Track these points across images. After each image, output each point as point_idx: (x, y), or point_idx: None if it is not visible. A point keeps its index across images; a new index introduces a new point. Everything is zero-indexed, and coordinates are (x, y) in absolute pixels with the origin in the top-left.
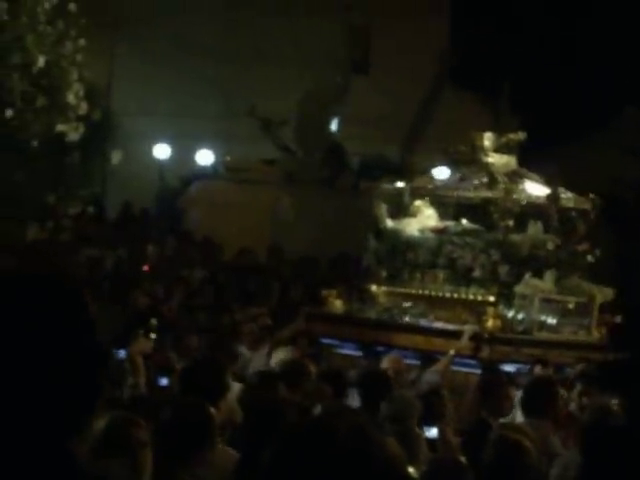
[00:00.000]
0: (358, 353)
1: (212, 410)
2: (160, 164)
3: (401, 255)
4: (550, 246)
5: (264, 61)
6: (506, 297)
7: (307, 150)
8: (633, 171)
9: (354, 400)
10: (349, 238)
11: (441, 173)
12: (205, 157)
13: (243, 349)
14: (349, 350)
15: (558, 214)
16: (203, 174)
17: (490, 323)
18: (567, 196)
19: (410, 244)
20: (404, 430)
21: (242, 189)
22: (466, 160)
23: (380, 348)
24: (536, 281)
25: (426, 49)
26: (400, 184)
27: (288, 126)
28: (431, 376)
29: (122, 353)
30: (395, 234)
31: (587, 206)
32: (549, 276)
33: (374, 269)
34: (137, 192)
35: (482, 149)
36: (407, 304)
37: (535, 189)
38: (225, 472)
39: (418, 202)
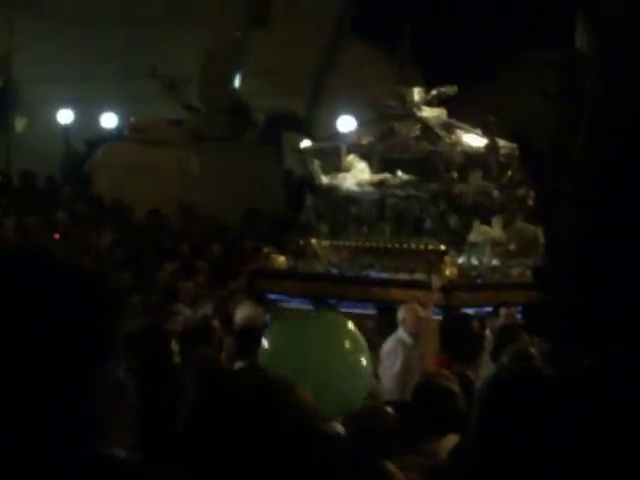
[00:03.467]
0: (308, 306)
1: None
2: (64, 129)
3: (343, 210)
4: (494, 194)
5: (165, 21)
6: (456, 245)
7: (212, 108)
8: (543, 112)
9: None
10: (258, 193)
11: (346, 124)
12: (110, 120)
13: (181, 307)
14: (297, 304)
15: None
16: (108, 137)
17: (448, 271)
18: (501, 144)
19: (351, 198)
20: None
21: (149, 150)
22: (397, 115)
23: (331, 300)
24: (485, 228)
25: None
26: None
27: (192, 84)
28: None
29: None
30: (333, 190)
31: (516, 152)
32: (496, 222)
33: (314, 225)
34: (43, 159)
35: (414, 103)
36: (354, 257)
37: (471, 139)
38: None
39: (350, 157)
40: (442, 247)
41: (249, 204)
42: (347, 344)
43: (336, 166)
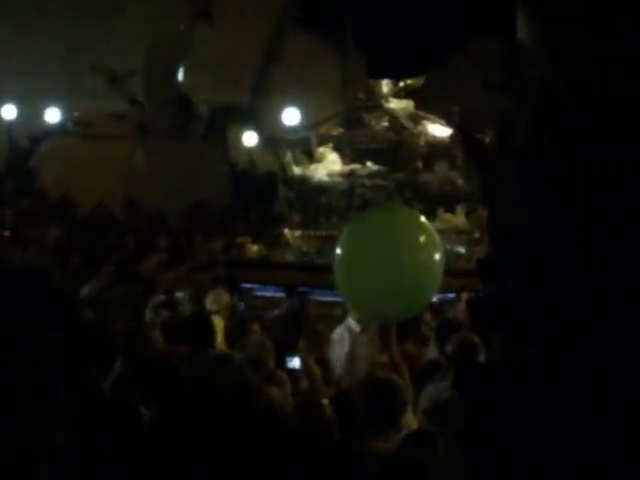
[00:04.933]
0: (279, 294)
1: None
2: (8, 125)
3: (313, 200)
4: (458, 182)
5: (109, 15)
6: None
7: (156, 101)
8: (485, 102)
9: None
10: (204, 186)
11: (290, 117)
12: (53, 114)
13: (161, 297)
14: (269, 292)
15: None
16: (52, 132)
17: None
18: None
19: (321, 189)
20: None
21: (93, 144)
22: (365, 106)
23: (303, 289)
24: (449, 216)
25: None
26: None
27: (135, 78)
28: None
29: None
30: (304, 180)
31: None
32: (460, 210)
33: (286, 215)
34: None
35: (382, 95)
36: (325, 245)
37: (436, 130)
38: None
39: (322, 148)
40: None
41: (195, 197)
42: (422, 238)
43: (307, 157)
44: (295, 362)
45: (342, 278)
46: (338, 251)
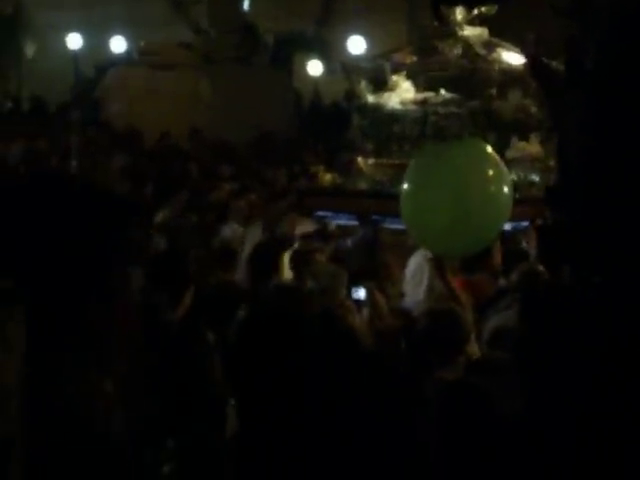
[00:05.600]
0: (353, 223)
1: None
2: (74, 55)
3: (386, 128)
4: (532, 110)
5: None
6: None
7: (221, 30)
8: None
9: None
10: (269, 115)
11: (356, 45)
12: (119, 44)
13: (234, 226)
14: (343, 220)
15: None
16: (118, 61)
17: None
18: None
19: (394, 117)
20: (332, 302)
21: (159, 74)
22: (439, 34)
23: (376, 217)
24: (523, 144)
25: None
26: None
27: (201, 6)
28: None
29: None
30: (378, 108)
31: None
32: (534, 139)
33: (359, 143)
34: (53, 85)
35: (456, 23)
36: (398, 174)
37: (511, 57)
38: None
39: (395, 76)
40: None
41: (261, 126)
42: (490, 172)
43: (381, 85)
44: (360, 293)
45: (408, 212)
46: (405, 184)
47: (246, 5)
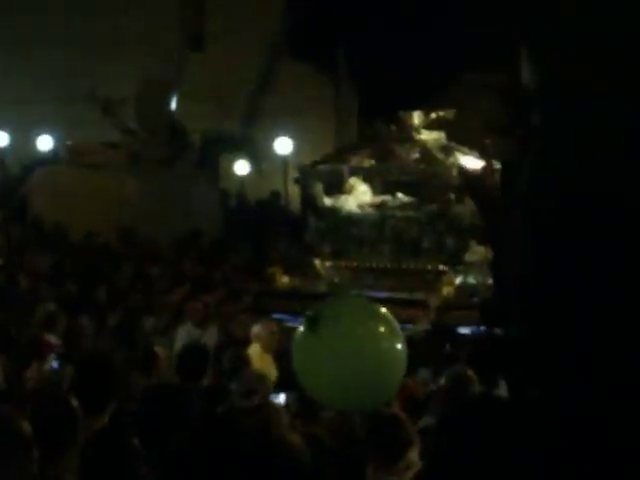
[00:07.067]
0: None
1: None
2: (0, 152)
3: (344, 231)
4: None
5: (102, 44)
6: (454, 265)
7: (149, 130)
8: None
9: None
10: (197, 215)
11: (283, 146)
12: (46, 142)
13: (190, 327)
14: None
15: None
16: (45, 160)
17: (445, 291)
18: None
19: (352, 220)
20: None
21: (86, 173)
22: (396, 138)
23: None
24: (482, 248)
25: (262, 21)
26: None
27: (128, 106)
28: None
29: None
30: (335, 211)
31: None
32: None
33: (316, 246)
34: None
35: (413, 127)
36: (355, 276)
37: (468, 161)
38: None
39: (352, 179)
40: (441, 267)
41: (188, 226)
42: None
43: (338, 188)
44: (280, 398)
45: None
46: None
47: (173, 105)
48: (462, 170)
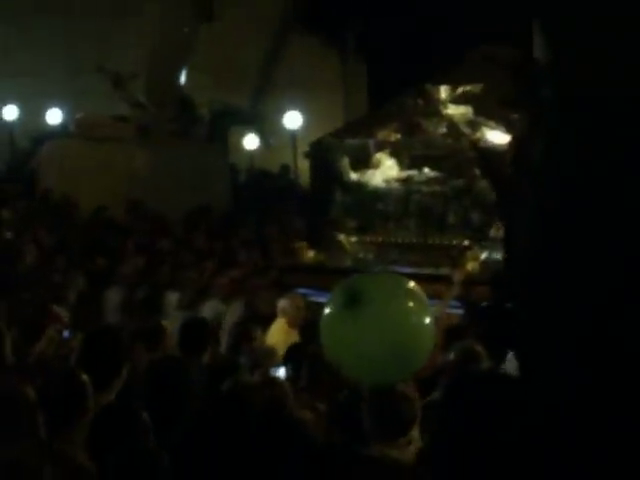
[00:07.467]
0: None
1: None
2: (9, 126)
3: (370, 206)
4: None
5: (112, 16)
6: (479, 241)
7: (159, 104)
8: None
9: None
10: (205, 189)
11: (292, 120)
12: (55, 116)
13: (216, 302)
14: (325, 298)
15: None
16: (54, 133)
17: (470, 266)
18: None
19: (378, 195)
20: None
21: (95, 147)
22: (422, 112)
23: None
24: None
25: None
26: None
27: (138, 80)
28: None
29: None
30: (361, 186)
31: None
32: None
33: (342, 220)
34: None
35: (440, 101)
36: (380, 252)
37: (494, 136)
38: None
39: (379, 154)
40: (466, 242)
41: (197, 200)
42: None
43: (365, 162)
44: (280, 371)
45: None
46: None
47: (183, 78)
48: (475, 144)
